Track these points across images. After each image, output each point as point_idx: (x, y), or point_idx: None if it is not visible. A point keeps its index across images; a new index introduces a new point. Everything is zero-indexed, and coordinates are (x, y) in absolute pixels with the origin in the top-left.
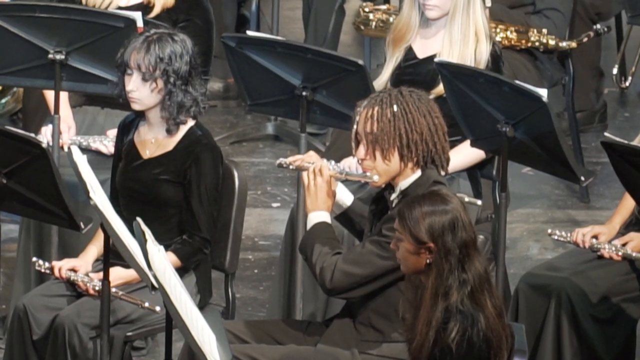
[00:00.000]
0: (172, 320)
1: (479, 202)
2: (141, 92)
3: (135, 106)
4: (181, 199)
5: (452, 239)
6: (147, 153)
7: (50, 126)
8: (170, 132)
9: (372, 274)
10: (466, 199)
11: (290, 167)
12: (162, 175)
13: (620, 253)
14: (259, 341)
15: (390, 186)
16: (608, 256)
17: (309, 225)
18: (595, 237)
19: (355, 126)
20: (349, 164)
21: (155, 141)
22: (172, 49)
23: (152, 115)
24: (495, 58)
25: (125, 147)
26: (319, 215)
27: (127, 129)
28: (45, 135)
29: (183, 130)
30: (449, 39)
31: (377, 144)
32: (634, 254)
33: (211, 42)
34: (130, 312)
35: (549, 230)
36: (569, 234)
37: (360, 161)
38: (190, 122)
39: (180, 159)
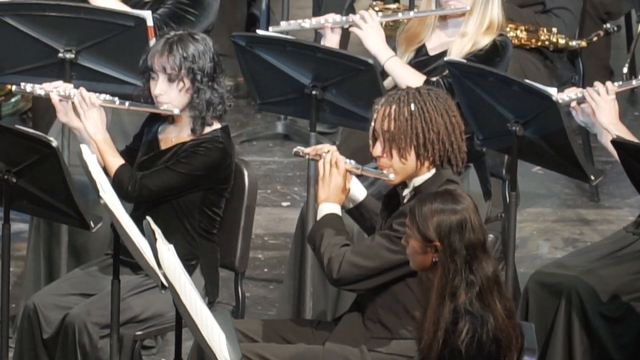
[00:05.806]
0: (181, 319)
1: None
2: (169, 94)
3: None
4: (188, 189)
5: (459, 239)
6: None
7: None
8: (195, 132)
9: (380, 267)
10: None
11: (307, 157)
12: (168, 162)
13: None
14: (268, 340)
15: (403, 182)
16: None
17: (319, 216)
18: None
19: (372, 123)
20: None
21: (176, 139)
22: (195, 48)
23: (180, 117)
24: (494, 48)
25: (149, 137)
26: (330, 206)
27: (154, 119)
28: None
29: (206, 130)
30: (462, 34)
31: (394, 142)
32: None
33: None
34: (140, 311)
35: (559, 97)
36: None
37: (377, 159)
38: (216, 125)
39: (188, 144)
